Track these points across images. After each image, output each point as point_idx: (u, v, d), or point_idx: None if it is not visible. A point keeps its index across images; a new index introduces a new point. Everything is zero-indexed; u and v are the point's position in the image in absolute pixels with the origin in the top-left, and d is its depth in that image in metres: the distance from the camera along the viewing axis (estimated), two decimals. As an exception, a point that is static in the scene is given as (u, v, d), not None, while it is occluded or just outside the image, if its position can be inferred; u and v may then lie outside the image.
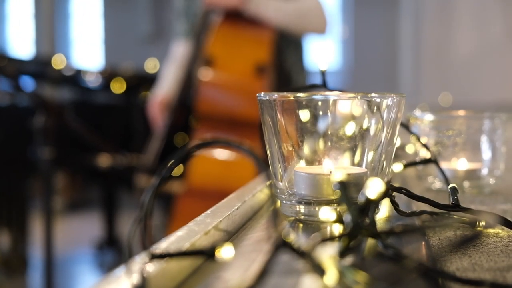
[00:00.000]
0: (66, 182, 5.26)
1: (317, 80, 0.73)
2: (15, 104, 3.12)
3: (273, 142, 0.50)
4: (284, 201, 0.50)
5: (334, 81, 7.60)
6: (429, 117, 0.82)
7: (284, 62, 2.16)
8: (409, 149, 0.91)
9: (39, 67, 3.75)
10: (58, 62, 3.66)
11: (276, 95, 0.49)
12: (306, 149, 0.51)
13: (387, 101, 0.50)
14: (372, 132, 0.51)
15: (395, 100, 0.50)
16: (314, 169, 0.50)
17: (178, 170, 2.68)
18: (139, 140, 3.07)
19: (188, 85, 2.09)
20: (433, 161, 0.71)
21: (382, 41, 7.71)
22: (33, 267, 3.30)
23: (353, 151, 0.51)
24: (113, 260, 3.70)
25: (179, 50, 2.20)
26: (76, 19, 8.47)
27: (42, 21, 6.03)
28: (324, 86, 0.74)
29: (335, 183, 0.35)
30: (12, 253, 3.15)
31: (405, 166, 0.71)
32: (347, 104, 0.51)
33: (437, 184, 0.80)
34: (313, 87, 0.76)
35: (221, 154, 1.91)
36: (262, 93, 0.50)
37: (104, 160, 1.77)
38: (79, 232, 4.72)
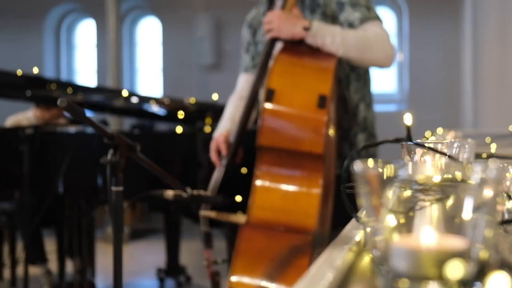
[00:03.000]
0: (128, 211, 5.36)
1: (380, 106, 0.71)
2: (83, 132, 3.21)
3: (371, 213, 0.49)
4: (381, 276, 0.48)
5: (389, 107, 7.38)
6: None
7: (347, 92, 2.12)
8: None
9: (107, 97, 3.85)
10: (124, 92, 3.75)
11: (374, 169, 0.47)
12: (404, 220, 0.49)
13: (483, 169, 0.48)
14: (473, 199, 0.48)
15: (494, 172, 0.48)
16: (412, 241, 0.48)
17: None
18: (202, 170, 3.10)
19: (251, 115, 2.07)
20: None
21: (439, 66, 7.37)
22: (98, 294, 3.36)
23: (452, 220, 0.49)
24: (175, 289, 3.72)
25: (244, 83, 2.21)
26: (140, 48, 8.71)
27: (108, 51, 6.22)
28: (409, 139, 0.72)
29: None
30: (79, 280, 3.22)
31: (500, 223, 0.69)
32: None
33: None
34: (398, 141, 0.74)
35: (283, 186, 1.88)
36: (360, 166, 0.49)
37: (169, 193, 1.79)
38: (141, 260, 4.78)
